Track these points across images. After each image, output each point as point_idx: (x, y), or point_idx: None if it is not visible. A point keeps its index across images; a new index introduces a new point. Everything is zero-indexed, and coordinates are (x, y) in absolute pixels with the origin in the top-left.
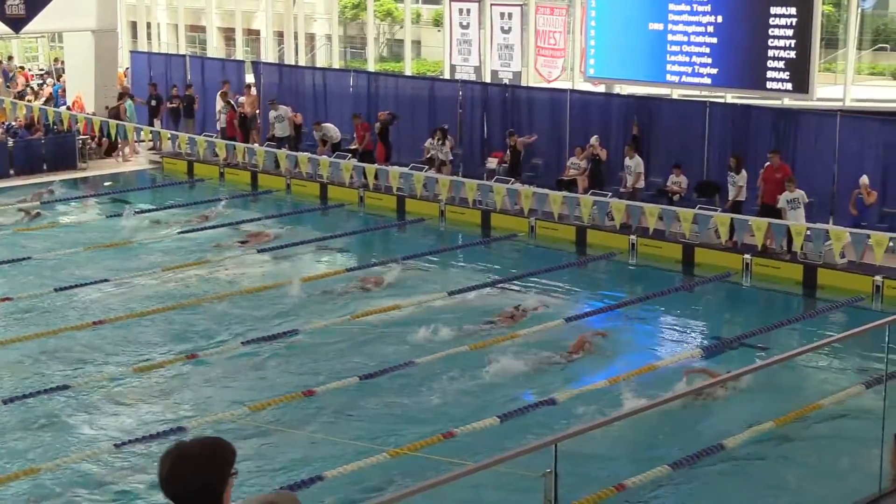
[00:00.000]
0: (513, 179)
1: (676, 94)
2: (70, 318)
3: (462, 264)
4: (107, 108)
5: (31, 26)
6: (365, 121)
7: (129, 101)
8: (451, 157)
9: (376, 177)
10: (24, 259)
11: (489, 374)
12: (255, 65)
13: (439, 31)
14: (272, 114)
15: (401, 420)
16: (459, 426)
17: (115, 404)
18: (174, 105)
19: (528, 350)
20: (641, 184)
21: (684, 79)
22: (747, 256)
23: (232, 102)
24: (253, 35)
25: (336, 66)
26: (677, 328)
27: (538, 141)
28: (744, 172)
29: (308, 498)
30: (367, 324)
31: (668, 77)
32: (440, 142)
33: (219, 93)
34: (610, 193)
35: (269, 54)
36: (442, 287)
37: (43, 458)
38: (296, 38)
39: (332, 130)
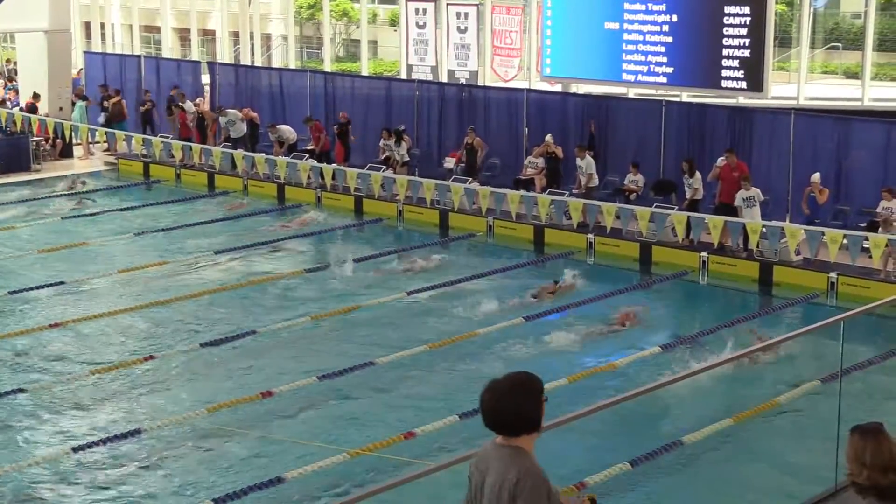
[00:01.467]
0: (470, 179)
1: (633, 93)
2: (26, 320)
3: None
4: (60, 109)
5: None
6: (318, 122)
7: (80, 103)
8: (409, 158)
9: (334, 177)
10: None
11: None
12: (211, 65)
13: (395, 31)
14: (222, 120)
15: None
16: (421, 426)
17: (72, 407)
18: (146, 108)
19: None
20: (595, 182)
21: (640, 78)
22: (704, 254)
23: (181, 105)
24: (208, 35)
25: (292, 66)
26: (637, 326)
27: (495, 140)
28: (697, 174)
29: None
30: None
31: (625, 76)
32: (396, 142)
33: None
34: (567, 192)
35: (224, 55)
36: (403, 287)
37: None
38: (251, 38)
39: (287, 132)
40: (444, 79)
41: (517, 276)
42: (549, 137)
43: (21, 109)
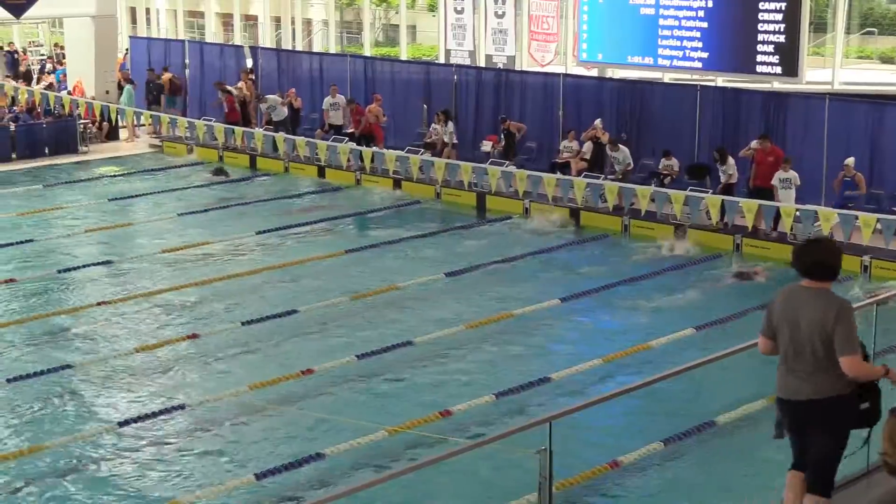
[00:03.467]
0: (507, 162)
1: (668, 77)
2: (74, 298)
3: (454, 246)
4: (107, 92)
5: (32, 12)
6: (359, 105)
7: (127, 86)
8: (456, 141)
9: (373, 159)
10: (27, 241)
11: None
12: (253, 50)
13: (434, 15)
14: (262, 106)
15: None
16: (457, 405)
17: (117, 383)
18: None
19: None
20: (630, 166)
21: (676, 63)
22: (738, 237)
23: (230, 88)
24: (251, 20)
25: (333, 50)
26: (671, 308)
27: (531, 125)
28: (730, 160)
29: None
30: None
31: (660, 61)
32: (443, 124)
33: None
34: (603, 176)
35: (266, 39)
36: (440, 268)
37: (48, 436)
38: (293, 23)
39: (276, 101)
40: (482, 63)
41: (553, 257)
42: (598, 122)
43: (69, 93)
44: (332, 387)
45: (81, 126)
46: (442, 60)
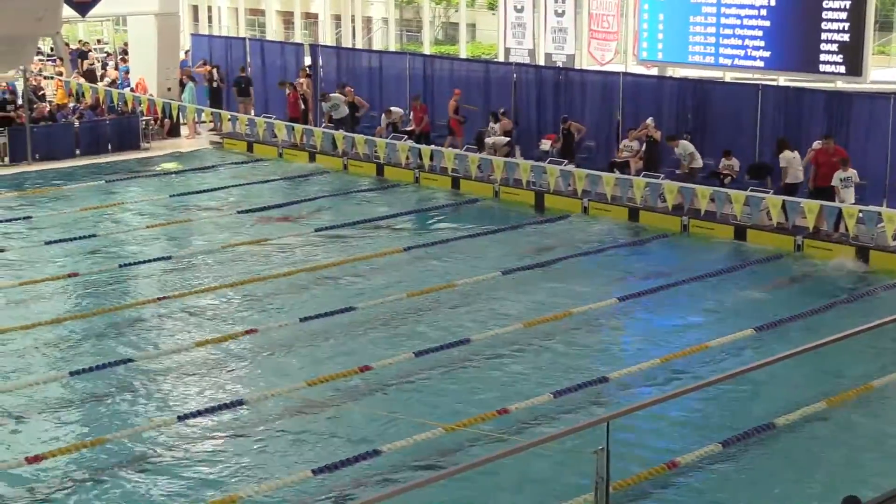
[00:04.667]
0: (566, 161)
1: (729, 77)
2: (135, 293)
3: (512, 244)
4: (168, 89)
5: (97, 10)
6: (423, 103)
7: (189, 84)
8: (507, 140)
9: (432, 158)
10: (90, 236)
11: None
12: (313, 47)
13: (494, 14)
14: (325, 105)
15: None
16: (515, 403)
17: (177, 378)
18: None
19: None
20: (699, 163)
21: (737, 62)
22: (799, 238)
23: (295, 84)
24: (311, 18)
25: (392, 48)
26: (730, 308)
27: (590, 123)
28: (786, 152)
29: None
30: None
31: (721, 60)
32: (494, 121)
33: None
34: (663, 175)
35: (326, 37)
36: (498, 266)
37: (109, 429)
38: (353, 21)
39: (339, 100)
40: (541, 62)
41: (611, 256)
42: (649, 121)
43: (131, 90)
44: (390, 384)
45: (143, 123)
46: (501, 59)
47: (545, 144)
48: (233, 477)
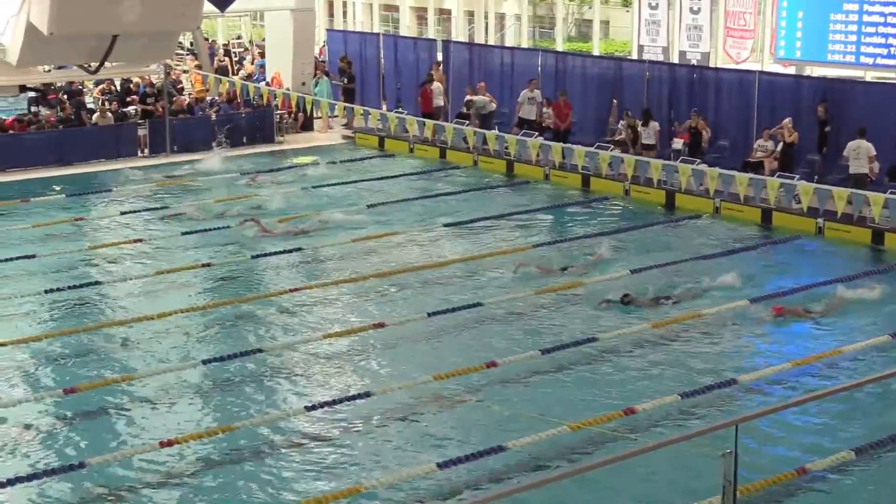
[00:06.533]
0: (698, 160)
1: (870, 76)
2: (266, 285)
3: (647, 242)
4: (303, 84)
5: (235, 6)
6: (568, 101)
7: (324, 78)
8: (654, 141)
9: (563, 155)
10: (224, 228)
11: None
12: (446, 43)
13: (628, 11)
14: (471, 111)
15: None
16: (639, 403)
17: (306, 369)
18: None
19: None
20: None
21: (879, 60)
22: None
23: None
24: (444, 14)
25: (524, 45)
26: (865, 313)
27: (724, 123)
28: None
29: None
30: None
31: (862, 58)
32: (644, 123)
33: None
34: (797, 176)
35: (459, 33)
36: (628, 265)
37: (238, 418)
38: (486, 17)
39: (484, 101)
40: (676, 60)
41: (742, 257)
42: (787, 121)
43: (267, 84)
44: (516, 380)
45: (278, 116)
46: (634, 56)
47: (677, 143)
48: (358, 467)
